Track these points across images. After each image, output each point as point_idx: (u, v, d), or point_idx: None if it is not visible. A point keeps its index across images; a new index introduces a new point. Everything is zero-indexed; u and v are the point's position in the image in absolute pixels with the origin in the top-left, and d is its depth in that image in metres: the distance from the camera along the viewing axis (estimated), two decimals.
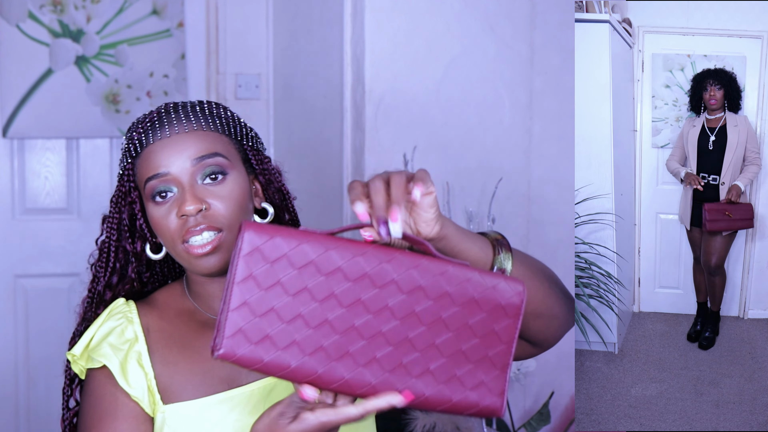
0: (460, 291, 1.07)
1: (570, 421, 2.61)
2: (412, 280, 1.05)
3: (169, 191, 1.29)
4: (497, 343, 1.08)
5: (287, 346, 1.03)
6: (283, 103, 3.10)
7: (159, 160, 1.29)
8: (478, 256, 1.15)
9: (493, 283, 1.07)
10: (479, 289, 1.07)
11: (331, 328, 1.04)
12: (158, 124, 1.31)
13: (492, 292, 1.07)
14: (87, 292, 1.41)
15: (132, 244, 1.39)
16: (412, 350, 1.06)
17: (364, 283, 1.04)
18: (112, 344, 1.32)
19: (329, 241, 1.05)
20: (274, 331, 1.02)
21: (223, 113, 1.35)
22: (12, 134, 3.16)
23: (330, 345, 1.04)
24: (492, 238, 1.18)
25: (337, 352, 1.04)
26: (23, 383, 3.23)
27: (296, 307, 1.03)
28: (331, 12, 2.70)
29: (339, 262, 1.04)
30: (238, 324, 1.02)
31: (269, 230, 1.04)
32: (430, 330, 1.06)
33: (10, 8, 3.11)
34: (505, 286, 1.08)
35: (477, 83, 2.60)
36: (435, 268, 1.06)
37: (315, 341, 1.03)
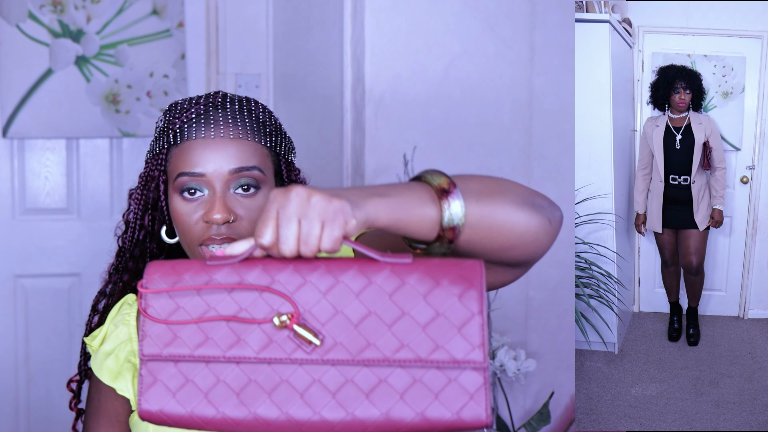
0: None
1: (570, 421, 2.61)
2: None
3: (200, 190, 1.29)
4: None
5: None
6: (283, 103, 3.11)
7: (197, 158, 1.28)
8: (422, 225, 1.03)
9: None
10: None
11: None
12: (204, 120, 1.30)
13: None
14: (114, 260, 1.46)
15: (151, 222, 1.40)
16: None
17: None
18: (106, 351, 1.38)
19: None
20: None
21: (268, 120, 1.34)
22: (12, 134, 3.16)
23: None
24: (435, 187, 1.04)
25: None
26: (23, 383, 3.23)
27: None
28: (331, 12, 2.70)
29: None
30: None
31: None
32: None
33: (10, 8, 3.11)
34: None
35: (477, 83, 2.60)
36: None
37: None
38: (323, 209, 0.97)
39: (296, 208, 0.97)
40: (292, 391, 0.98)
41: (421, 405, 0.97)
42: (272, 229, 0.98)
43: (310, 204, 0.97)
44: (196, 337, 1.00)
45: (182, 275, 1.01)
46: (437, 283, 0.99)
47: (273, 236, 0.98)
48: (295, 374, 0.99)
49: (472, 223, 1.05)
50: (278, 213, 0.98)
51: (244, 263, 1.01)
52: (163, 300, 1.01)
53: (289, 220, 0.97)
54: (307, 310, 0.99)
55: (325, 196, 0.97)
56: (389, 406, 0.97)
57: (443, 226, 1.03)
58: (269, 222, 0.98)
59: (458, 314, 0.98)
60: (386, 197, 1.02)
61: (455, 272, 0.99)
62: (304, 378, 0.98)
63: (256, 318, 0.99)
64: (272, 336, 0.99)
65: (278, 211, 0.98)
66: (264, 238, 0.98)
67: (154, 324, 1.00)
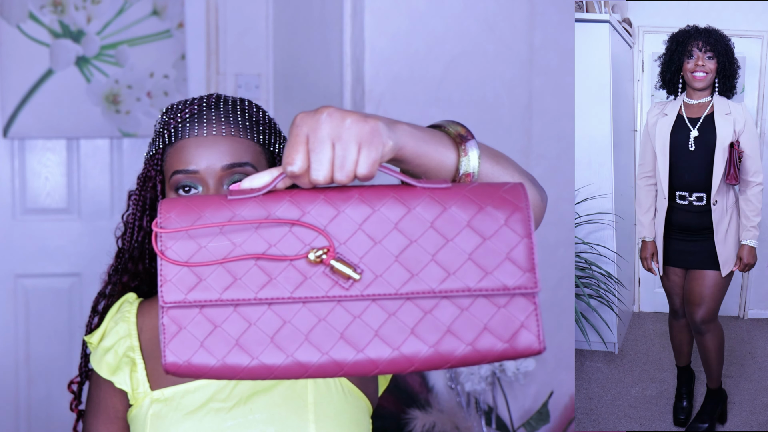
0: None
1: (569, 421, 2.61)
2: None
3: (194, 188, 1.31)
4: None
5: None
6: (283, 103, 3.11)
7: (190, 156, 1.30)
8: (441, 166, 0.99)
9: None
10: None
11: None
12: (197, 119, 1.32)
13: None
14: (113, 261, 1.47)
15: (149, 223, 1.43)
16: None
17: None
18: (105, 347, 1.40)
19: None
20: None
21: (262, 119, 1.36)
22: (12, 134, 3.16)
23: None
24: (453, 134, 1.02)
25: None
26: (23, 383, 3.24)
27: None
28: (331, 12, 2.71)
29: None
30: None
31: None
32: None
33: (11, 9, 3.12)
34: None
35: (477, 83, 2.60)
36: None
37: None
38: (359, 130, 0.91)
39: (329, 130, 0.90)
40: (332, 330, 0.91)
41: (470, 336, 0.92)
42: (303, 155, 0.91)
43: (344, 125, 0.91)
44: (222, 279, 0.92)
45: (202, 212, 0.93)
46: (480, 207, 0.94)
47: (304, 162, 0.91)
48: (334, 313, 0.92)
49: (483, 177, 1.03)
50: (308, 137, 0.91)
51: (269, 196, 0.94)
52: (182, 241, 0.92)
53: (322, 143, 0.90)
54: (342, 244, 0.93)
55: (360, 117, 0.91)
56: (436, 339, 0.92)
57: (460, 172, 1.00)
58: (300, 147, 0.91)
59: (505, 239, 0.94)
60: (413, 128, 0.97)
61: (498, 196, 0.95)
62: (344, 316, 0.92)
63: (287, 255, 0.92)
64: (306, 273, 0.92)
65: (308, 135, 0.91)
66: (294, 165, 0.91)
67: (174, 267, 0.91)
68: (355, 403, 1.32)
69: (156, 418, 1.32)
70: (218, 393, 1.32)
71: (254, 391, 1.31)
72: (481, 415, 2.53)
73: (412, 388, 2.50)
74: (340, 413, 1.30)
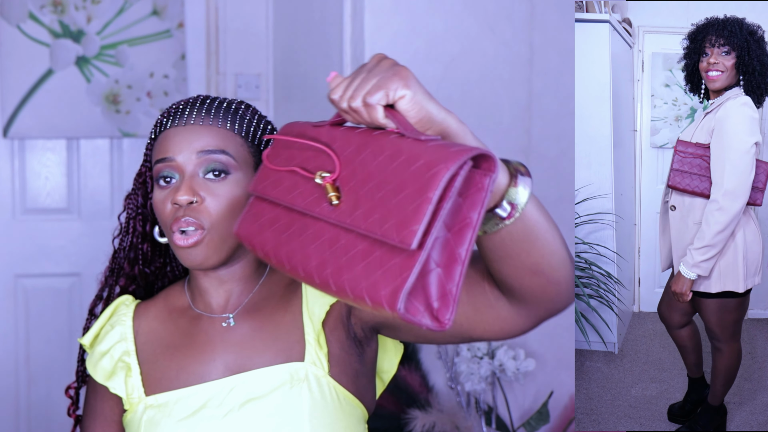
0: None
1: (569, 421, 2.62)
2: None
3: (173, 177, 1.32)
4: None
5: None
6: (283, 103, 3.11)
7: (168, 145, 1.32)
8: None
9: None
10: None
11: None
12: (179, 113, 1.34)
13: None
14: (108, 263, 1.47)
15: (142, 224, 1.43)
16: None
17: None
18: (101, 351, 1.40)
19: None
20: None
21: (249, 115, 1.37)
22: (12, 134, 3.16)
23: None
24: (513, 166, 1.04)
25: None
26: (23, 383, 3.24)
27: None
28: (331, 12, 2.71)
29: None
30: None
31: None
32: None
33: (11, 9, 3.12)
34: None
35: (476, 83, 2.60)
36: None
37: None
38: (386, 69, 1.01)
39: (369, 66, 1.03)
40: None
41: (352, 272, 0.98)
42: (343, 86, 1.04)
43: (379, 65, 1.02)
44: (277, 181, 1.14)
45: (302, 130, 1.13)
46: (430, 166, 0.94)
47: (341, 90, 1.04)
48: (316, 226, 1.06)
49: (525, 219, 1.04)
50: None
51: (333, 126, 1.10)
52: (278, 148, 1.16)
53: (356, 75, 1.03)
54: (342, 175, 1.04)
55: (397, 65, 1.01)
56: (336, 266, 1.00)
57: (506, 199, 1.02)
58: (346, 80, 1.04)
59: (414, 197, 0.93)
60: (463, 126, 1.05)
61: (445, 162, 0.94)
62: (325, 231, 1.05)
63: (310, 173, 1.07)
64: (314, 191, 1.06)
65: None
66: (334, 93, 1.05)
67: (264, 166, 1.17)
68: (351, 411, 1.32)
69: (150, 424, 1.32)
70: (212, 400, 1.31)
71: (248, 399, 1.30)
72: (481, 415, 2.53)
73: (412, 388, 2.50)
74: (334, 422, 1.29)
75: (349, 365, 1.34)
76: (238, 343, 1.34)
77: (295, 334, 1.33)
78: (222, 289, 1.37)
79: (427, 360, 2.60)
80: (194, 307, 1.39)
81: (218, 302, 1.38)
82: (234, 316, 1.36)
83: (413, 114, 1.00)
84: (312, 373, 1.30)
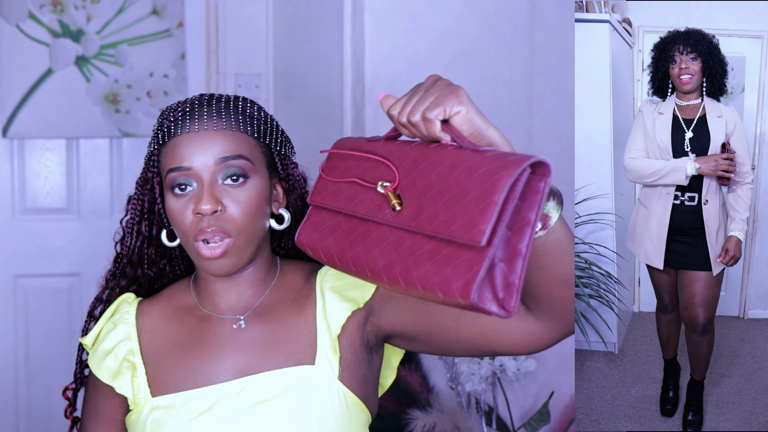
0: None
1: (570, 421, 2.61)
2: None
3: (189, 185, 1.30)
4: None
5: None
6: (283, 103, 3.11)
7: (183, 153, 1.30)
8: None
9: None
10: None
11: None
12: (189, 117, 1.32)
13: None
14: (111, 266, 1.47)
15: (148, 228, 1.41)
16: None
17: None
18: (105, 350, 1.38)
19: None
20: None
21: (256, 113, 1.36)
22: (12, 134, 3.16)
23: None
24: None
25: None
26: (23, 383, 3.23)
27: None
28: (331, 12, 2.70)
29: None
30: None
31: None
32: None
33: (10, 8, 3.12)
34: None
35: (477, 83, 2.60)
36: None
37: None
38: (443, 88, 1.07)
39: (426, 85, 1.09)
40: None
41: (423, 269, 1.05)
42: (402, 102, 1.10)
43: (436, 84, 1.09)
44: (336, 192, 1.20)
45: (358, 144, 1.20)
46: (491, 174, 1.02)
47: (400, 106, 1.10)
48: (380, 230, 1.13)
49: (558, 230, 1.13)
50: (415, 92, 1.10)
51: (387, 140, 1.17)
52: (334, 161, 1.23)
53: (414, 93, 1.09)
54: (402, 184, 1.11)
55: (452, 84, 1.08)
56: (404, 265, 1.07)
57: (542, 210, 1.08)
58: (404, 97, 1.10)
59: (478, 200, 1.03)
60: (511, 146, 1.11)
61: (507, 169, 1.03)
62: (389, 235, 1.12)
63: (370, 183, 1.14)
64: (375, 199, 1.13)
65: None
66: (393, 108, 1.10)
67: (321, 178, 1.23)
68: (357, 416, 1.32)
69: (156, 425, 1.31)
70: (221, 401, 1.31)
71: (258, 401, 1.30)
72: (481, 415, 2.53)
73: (412, 389, 2.50)
74: (342, 426, 1.30)
75: (359, 371, 1.34)
76: (249, 346, 1.34)
77: (307, 338, 1.33)
78: (233, 291, 1.37)
79: (427, 360, 2.60)
80: (202, 307, 1.38)
81: (228, 304, 1.37)
82: (245, 318, 1.36)
83: (466, 128, 1.07)
84: (322, 377, 1.30)
